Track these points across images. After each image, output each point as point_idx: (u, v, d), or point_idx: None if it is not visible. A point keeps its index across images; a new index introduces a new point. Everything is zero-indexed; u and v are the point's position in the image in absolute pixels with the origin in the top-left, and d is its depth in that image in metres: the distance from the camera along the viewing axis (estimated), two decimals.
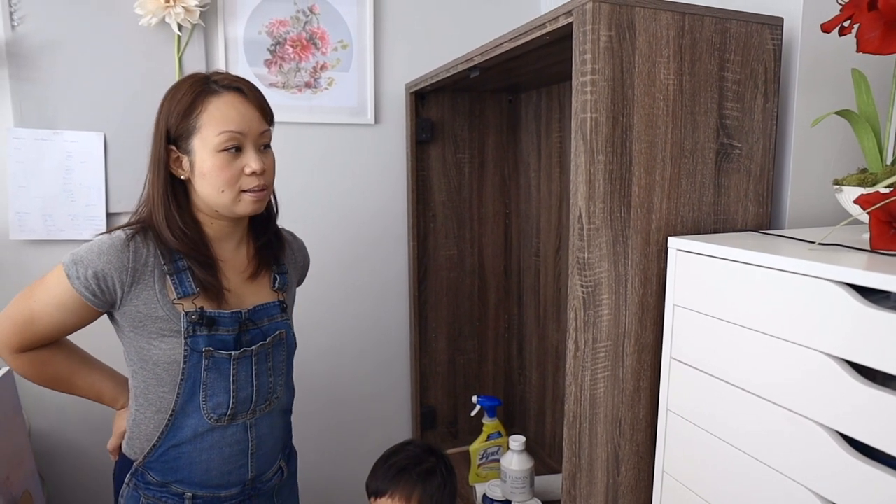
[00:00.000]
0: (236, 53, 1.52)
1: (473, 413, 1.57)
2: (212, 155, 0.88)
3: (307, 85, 1.59)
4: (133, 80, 1.44)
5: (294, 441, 1.65)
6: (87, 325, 0.93)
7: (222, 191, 0.90)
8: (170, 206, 0.91)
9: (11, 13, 1.34)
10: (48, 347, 0.95)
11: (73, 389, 1.00)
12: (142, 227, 0.92)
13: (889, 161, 0.85)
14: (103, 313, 0.92)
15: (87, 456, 1.54)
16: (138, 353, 0.92)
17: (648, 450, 0.96)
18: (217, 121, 0.88)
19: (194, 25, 1.45)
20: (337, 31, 1.60)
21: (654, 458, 0.96)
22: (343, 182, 1.67)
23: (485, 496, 1.42)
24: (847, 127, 1.03)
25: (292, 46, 1.57)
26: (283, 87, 1.57)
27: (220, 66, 1.51)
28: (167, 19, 1.40)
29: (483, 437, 1.56)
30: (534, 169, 1.68)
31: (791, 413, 0.70)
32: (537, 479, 1.43)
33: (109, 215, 1.46)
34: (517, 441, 1.36)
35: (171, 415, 0.91)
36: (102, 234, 0.92)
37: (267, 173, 0.94)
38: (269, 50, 1.55)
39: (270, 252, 1.04)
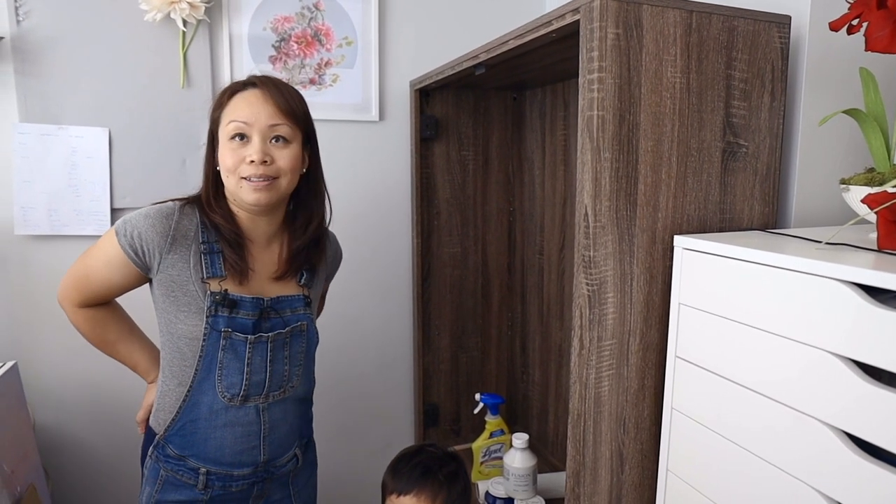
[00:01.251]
0: (241, 49, 1.52)
1: (476, 410, 1.57)
2: (224, 143, 0.96)
3: (312, 81, 1.59)
4: (138, 75, 1.45)
5: None
6: (132, 287, 1.00)
7: (227, 176, 0.96)
8: (210, 192, 1.00)
9: (17, 8, 1.34)
10: (103, 308, 1.04)
11: (115, 354, 1.09)
12: (191, 202, 1.00)
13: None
14: (145, 278, 0.99)
15: (91, 450, 1.54)
16: (167, 326, 0.98)
17: (652, 448, 0.96)
18: (230, 112, 0.96)
19: (199, 21, 1.45)
20: (342, 27, 1.60)
21: (658, 456, 0.96)
22: (347, 179, 1.67)
23: (487, 493, 1.42)
24: (854, 126, 1.02)
25: (297, 43, 1.57)
26: (288, 83, 1.56)
27: (224, 61, 1.51)
28: (172, 15, 1.40)
29: (486, 434, 1.56)
30: (538, 167, 1.68)
31: (796, 412, 0.70)
32: (540, 476, 1.43)
33: (114, 210, 1.46)
34: (520, 439, 1.36)
35: (189, 389, 0.97)
36: (158, 202, 1.00)
37: (272, 166, 0.95)
38: (273, 46, 1.55)
39: (306, 260, 1.07)
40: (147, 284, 1.01)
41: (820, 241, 0.79)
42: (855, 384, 0.64)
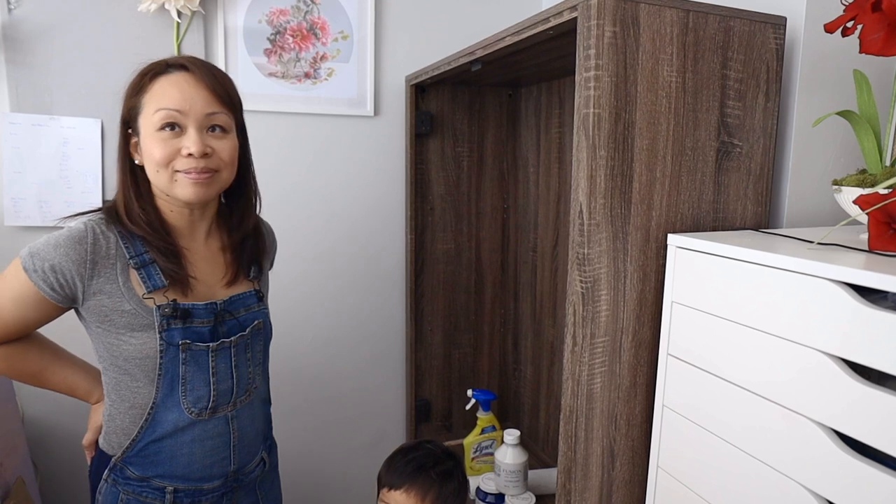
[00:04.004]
0: (236, 42, 1.51)
1: (468, 406, 1.58)
2: (150, 134, 0.85)
3: (307, 75, 1.58)
4: (131, 66, 1.40)
5: (287, 433, 1.66)
6: (51, 320, 0.90)
7: (157, 171, 0.86)
8: (129, 191, 0.89)
9: None
10: (18, 343, 0.94)
11: (45, 384, 0.99)
12: (104, 216, 0.89)
13: (889, 162, 0.85)
14: (67, 309, 0.90)
15: (80, 443, 1.53)
16: (108, 350, 0.89)
17: (643, 445, 0.97)
18: (156, 99, 0.86)
19: (194, 13, 1.44)
20: (338, 21, 1.59)
21: (648, 453, 0.96)
22: (341, 174, 1.67)
23: (478, 489, 1.43)
24: (846, 127, 1.03)
25: (292, 36, 1.56)
26: (283, 76, 1.56)
27: (219, 54, 1.50)
28: (167, 6, 1.39)
29: (477, 430, 1.57)
30: (532, 164, 1.68)
31: (787, 410, 0.71)
32: (531, 473, 1.44)
33: (106, 202, 1.45)
34: (512, 435, 1.36)
35: (150, 410, 0.90)
36: (68, 217, 0.90)
37: (213, 158, 0.88)
38: (268, 39, 1.54)
39: (251, 254, 1.01)
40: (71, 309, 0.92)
41: (812, 242, 0.79)
42: (845, 383, 0.64)
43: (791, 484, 0.71)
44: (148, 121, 0.86)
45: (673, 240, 0.89)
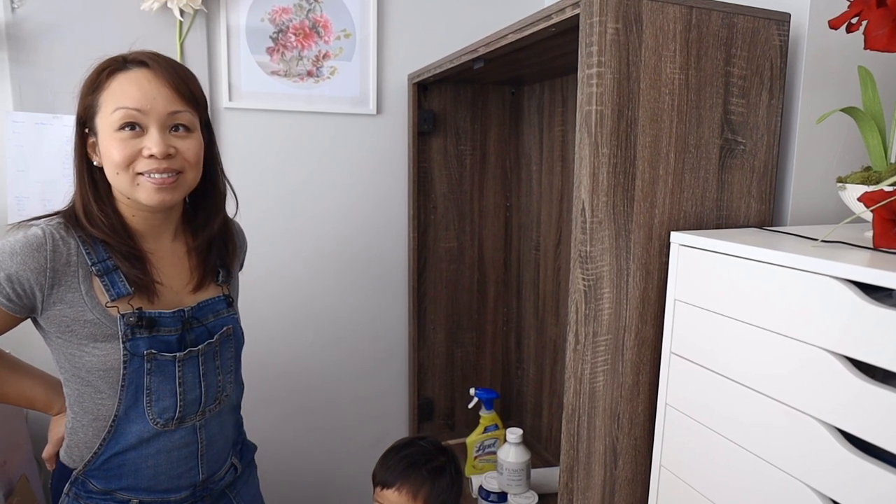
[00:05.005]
0: (238, 40, 1.51)
1: (471, 405, 1.58)
2: (109, 134, 0.81)
3: (309, 74, 1.58)
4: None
5: (290, 434, 1.66)
6: (6, 331, 0.85)
7: (117, 174, 0.82)
8: (88, 195, 0.85)
9: None
10: None
11: (2, 398, 0.94)
12: (63, 220, 0.84)
13: (893, 159, 0.85)
14: (24, 319, 0.85)
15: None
16: (69, 361, 0.85)
17: (646, 443, 0.96)
18: (115, 97, 0.81)
19: (196, 11, 1.44)
20: (340, 19, 1.59)
21: (651, 451, 0.96)
22: (344, 172, 1.67)
23: (481, 488, 1.43)
24: (851, 125, 1.03)
25: (295, 34, 1.56)
26: (285, 75, 1.56)
27: (221, 52, 1.50)
28: (169, 4, 1.39)
29: (480, 429, 1.57)
30: (535, 162, 1.68)
31: (790, 408, 0.71)
32: (533, 472, 1.43)
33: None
34: (514, 433, 1.36)
35: (112, 422, 0.86)
36: (26, 221, 0.85)
37: (176, 159, 0.84)
38: (271, 38, 1.54)
39: (218, 257, 0.97)
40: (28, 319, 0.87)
41: (816, 239, 0.79)
42: (849, 381, 0.64)
43: (794, 482, 0.70)
44: (106, 120, 0.81)
45: (676, 237, 0.88)
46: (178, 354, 0.87)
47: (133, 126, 0.81)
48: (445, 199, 1.71)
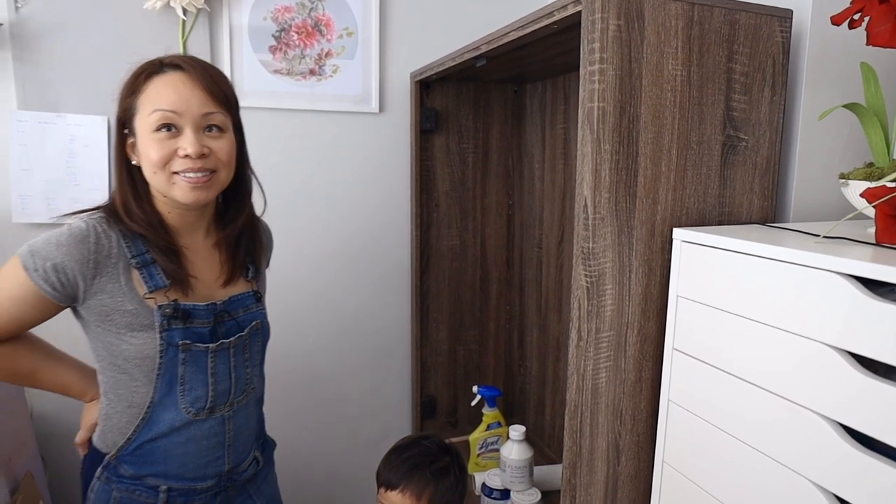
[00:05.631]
0: (241, 39, 1.52)
1: (474, 403, 1.58)
2: (147, 135, 0.85)
3: (312, 72, 1.59)
4: (137, 64, 1.43)
5: (293, 431, 1.67)
6: (47, 319, 0.89)
7: (154, 173, 0.86)
8: (127, 193, 0.89)
9: None
10: (9, 343, 0.92)
11: (38, 384, 0.97)
12: (104, 215, 0.88)
13: None
14: (65, 307, 0.89)
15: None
16: (107, 349, 0.89)
17: (649, 440, 0.97)
18: (152, 99, 0.85)
19: (199, 10, 1.44)
20: (342, 18, 1.59)
21: (654, 448, 0.96)
22: (346, 170, 1.67)
23: (484, 485, 1.43)
24: (853, 121, 1.02)
25: (297, 33, 1.56)
26: (288, 73, 1.56)
27: (224, 51, 1.50)
28: (172, 3, 1.40)
29: (483, 426, 1.57)
30: (538, 160, 1.68)
31: (792, 403, 0.71)
32: (536, 469, 1.44)
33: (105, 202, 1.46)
34: (517, 431, 1.36)
35: (146, 409, 0.89)
36: (67, 215, 0.89)
37: (210, 158, 0.88)
38: (273, 36, 1.54)
39: (247, 253, 1.01)
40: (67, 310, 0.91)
41: (818, 235, 0.79)
42: (851, 376, 0.64)
43: (796, 477, 0.70)
44: (144, 122, 0.85)
45: (678, 234, 0.88)
46: (210, 345, 0.91)
47: (169, 127, 0.85)
48: (448, 197, 1.72)
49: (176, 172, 0.85)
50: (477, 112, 1.71)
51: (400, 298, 1.79)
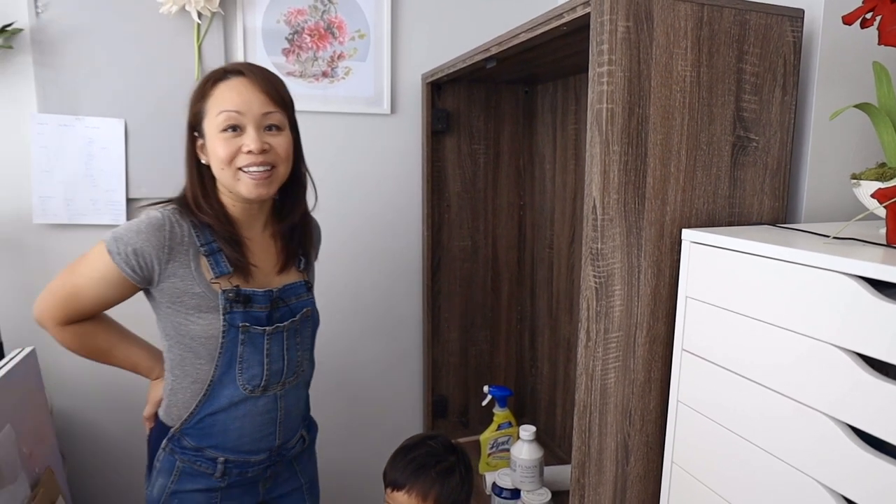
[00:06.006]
0: (254, 42, 1.54)
1: (485, 403, 1.59)
2: (215, 135, 0.93)
3: (324, 74, 1.60)
4: (153, 67, 1.47)
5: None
6: (125, 299, 0.99)
7: (222, 168, 0.94)
8: (197, 189, 0.98)
9: (36, 0, 1.37)
10: (90, 321, 1.02)
11: (111, 360, 1.07)
12: (177, 207, 0.98)
13: None
14: (141, 289, 0.98)
15: (108, 436, 1.58)
16: (175, 328, 0.98)
17: (658, 440, 0.97)
18: (218, 103, 0.94)
19: (214, 14, 1.46)
20: (354, 20, 1.61)
21: (663, 448, 0.96)
22: (359, 171, 1.69)
23: (494, 485, 1.43)
24: (866, 121, 1.02)
25: (310, 35, 1.58)
26: (301, 76, 1.58)
27: (238, 54, 1.53)
28: (187, 7, 1.42)
29: (493, 426, 1.57)
30: (549, 161, 1.68)
31: (801, 405, 0.71)
32: (547, 469, 1.44)
33: (129, 200, 1.49)
34: (527, 430, 1.37)
35: (208, 385, 0.98)
36: (148, 205, 0.99)
37: (270, 154, 0.95)
38: (286, 39, 1.56)
39: (298, 246, 1.09)
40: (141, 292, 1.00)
41: (828, 236, 0.79)
42: (859, 377, 0.64)
43: (805, 479, 0.70)
44: (212, 123, 0.94)
45: (687, 235, 0.88)
46: (266, 328, 0.99)
47: (235, 128, 0.93)
48: (459, 198, 1.72)
49: (240, 168, 0.94)
50: (488, 113, 1.71)
51: (411, 298, 1.80)
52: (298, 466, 1.14)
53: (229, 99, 0.93)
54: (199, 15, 1.44)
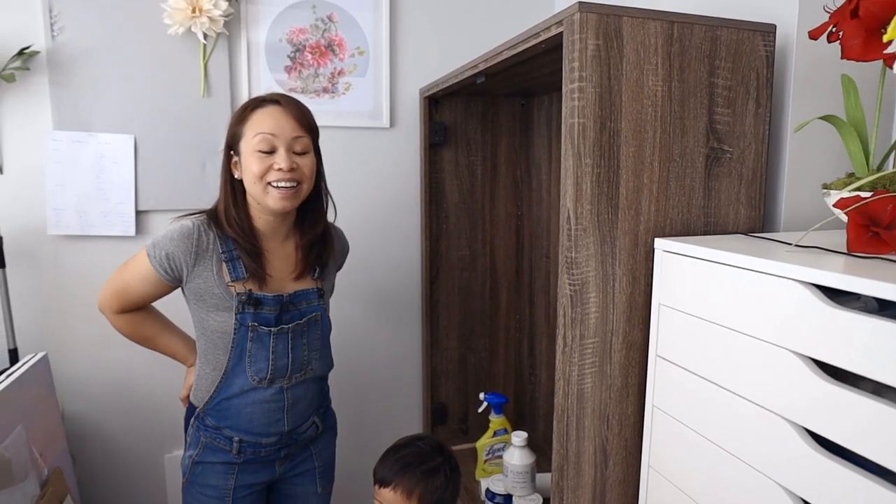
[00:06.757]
0: (258, 60, 1.60)
1: (481, 410, 1.61)
2: (250, 154, 1.07)
3: (325, 90, 1.66)
4: (162, 85, 1.53)
5: None
6: (164, 295, 1.15)
7: (254, 183, 1.06)
8: (230, 201, 1.11)
9: (52, 24, 1.44)
10: (139, 312, 1.20)
11: (156, 347, 1.25)
12: (207, 218, 1.12)
13: (875, 165, 0.86)
14: (175, 287, 1.14)
15: (116, 438, 1.63)
16: (200, 322, 1.13)
17: (637, 445, 0.99)
18: (255, 126, 1.07)
19: (218, 34, 1.53)
20: (354, 37, 1.66)
21: (641, 453, 0.98)
22: (359, 183, 1.74)
23: (487, 490, 1.46)
24: None
25: (311, 53, 1.64)
26: (303, 92, 1.64)
27: (242, 72, 1.59)
28: (193, 29, 1.49)
29: (490, 433, 1.60)
30: (545, 172, 1.71)
31: (763, 409, 0.73)
32: (541, 475, 1.46)
33: (139, 213, 1.55)
34: (519, 437, 1.39)
35: (224, 373, 1.12)
36: (182, 216, 1.13)
37: (297, 172, 1.08)
38: (289, 56, 1.62)
39: (317, 255, 1.20)
40: (179, 290, 1.16)
41: (791, 244, 0.81)
42: (813, 381, 0.66)
43: (767, 482, 0.72)
44: (248, 143, 1.07)
45: (659, 244, 0.91)
46: (272, 329, 1.11)
47: (268, 148, 1.06)
48: (457, 209, 1.76)
49: (270, 183, 1.06)
50: (485, 125, 1.75)
51: (411, 307, 1.84)
52: (315, 450, 1.26)
53: (265, 123, 1.06)
54: (205, 36, 1.51)
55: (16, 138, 1.47)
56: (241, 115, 1.10)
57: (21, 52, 1.41)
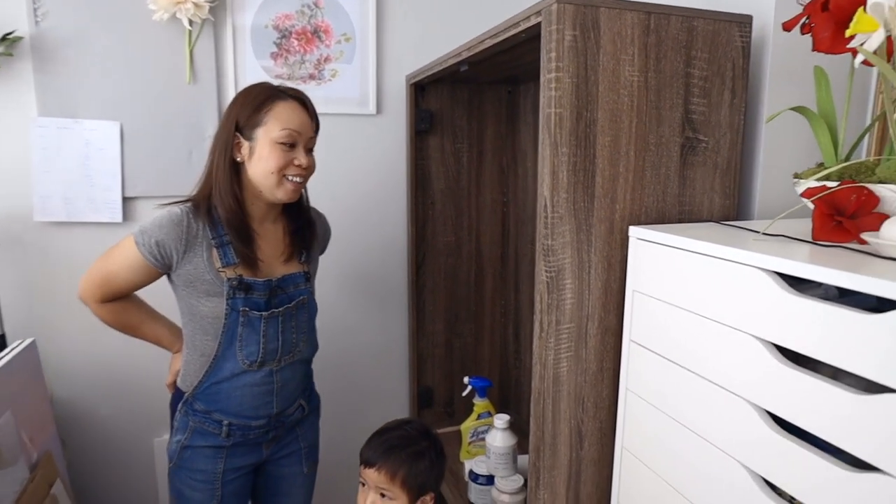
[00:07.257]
0: (244, 46, 1.60)
1: (465, 393, 1.64)
2: (271, 144, 1.09)
3: (311, 76, 1.66)
4: (147, 72, 1.53)
5: None
6: (150, 283, 1.15)
7: (271, 173, 1.09)
8: (228, 183, 1.11)
9: (35, 9, 1.44)
10: (123, 301, 1.19)
11: (140, 334, 1.25)
12: (195, 204, 1.12)
13: (844, 156, 0.88)
14: (163, 274, 1.14)
15: (106, 423, 1.65)
16: (189, 308, 1.14)
17: (611, 427, 1.02)
18: (282, 119, 1.09)
19: (204, 20, 1.53)
20: (340, 24, 1.66)
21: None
22: (345, 170, 1.75)
23: (471, 471, 1.49)
24: None
25: (297, 39, 1.64)
26: (289, 78, 1.64)
27: (228, 58, 1.59)
28: (178, 14, 1.48)
29: (474, 416, 1.63)
30: (531, 159, 1.73)
31: (728, 392, 0.75)
32: (522, 457, 1.49)
33: (125, 199, 1.56)
34: (501, 419, 1.42)
35: (213, 358, 1.13)
36: (168, 204, 1.12)
37: (308, 170, 1.14)
38: (275, 43, 1.62)
39: (303, 239, 1.24)
40: (163, 277, 1.16)
41: (758, 232, 0.83)
42: (774, 366, 0.69)
43: (731, 462, 0.75)
44: (271, 134, 1.09)
45: (633, 231, 0.93)
46: (263, 313, 1.13)
47: (292, 144, 1.11)
48: (443, 196, 1.78)
49: (285, 176, 1.11)
50: (471, 113, 1.76)
51: (397, 293, 1.86)
52: (300, 431, 1.30)
53: (293, 119, 1.10)
54: (190, 22, 1.51)
55: (0, 125, 1.46)
56: (261, 103, 1.09)
57: (4, 38, 1.41)
